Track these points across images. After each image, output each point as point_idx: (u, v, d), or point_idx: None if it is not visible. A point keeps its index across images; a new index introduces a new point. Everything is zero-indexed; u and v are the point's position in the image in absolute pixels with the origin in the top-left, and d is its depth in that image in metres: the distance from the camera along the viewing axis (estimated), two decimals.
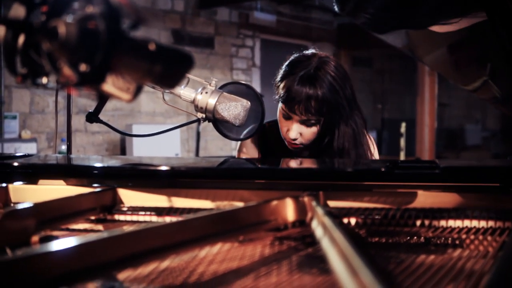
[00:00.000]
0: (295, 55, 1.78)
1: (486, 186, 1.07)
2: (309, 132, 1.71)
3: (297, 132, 1.71)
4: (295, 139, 1.72)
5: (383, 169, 1.16)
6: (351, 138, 1.73)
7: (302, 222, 1.02)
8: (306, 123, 1.70)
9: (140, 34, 0.63)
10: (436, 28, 1.41)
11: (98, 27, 0.60)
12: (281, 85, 1.72)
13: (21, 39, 0.64)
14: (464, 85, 1.94)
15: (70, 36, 0.60)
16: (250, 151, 1.96)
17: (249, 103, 1.52)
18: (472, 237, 0.94)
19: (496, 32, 1.21)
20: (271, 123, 1.92)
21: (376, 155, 1.88)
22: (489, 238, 0.94)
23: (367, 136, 1.84)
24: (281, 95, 1.71)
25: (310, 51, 1.79)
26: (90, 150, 6.24)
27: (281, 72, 1.75)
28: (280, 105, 1.75)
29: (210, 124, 1.57)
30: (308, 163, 1.61)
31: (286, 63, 1.76)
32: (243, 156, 1.97)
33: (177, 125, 1.72)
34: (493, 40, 1.35)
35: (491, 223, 0.99)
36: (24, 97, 5.65)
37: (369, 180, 1.15)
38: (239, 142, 1.97)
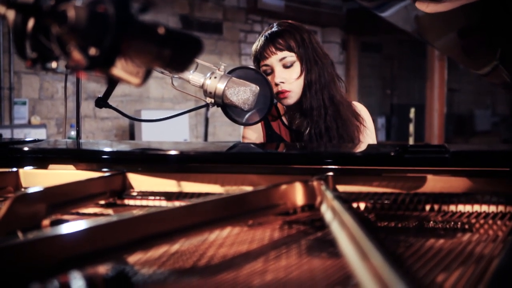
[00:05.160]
0: None
1: (496, 171, 1.07)
2: (290, 74, 1.82)
3: (280, 76, 1.81)
4: (282, 83, 1.81)
5: (392, 154, 1.15)
6: (316, 72, 1.85)
7: (311, 206, 1.02)
8: (284, 63, 1.82)
9: (149, 19, 0.63)
10: (423, 7, 1.39)
11: (107, 10, 0.60)
12: (253, 49, 1.91)
13: (31, 23, 0.64)
14: (475, 69, 1.93)
15: (80, 20, 0.60)
16: (253, 134, 2.00)
17: (258, 88, 1.51)
18: (481, 221, 0.94)
19: (507, 17, 1.20)
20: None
21: (367, 120, 1.96)
22: (498, 222, 0.93)
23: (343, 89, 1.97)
24: (254, 53, 1.89)
25: None
26: (99, 136, 6.26)
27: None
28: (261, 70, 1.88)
29: (219, 109, 1.57)
30: (317, 148, 1.61)
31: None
32: (248, 131, 2.01)
33: (186, 110, 1.72)
34: (504, 25, 1.34)
35: (501, 208, 0.99)
36: (34, 83, 5.66)
37: (378, 164, 1.15)
38: (242, 132, 2.05)
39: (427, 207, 1.01)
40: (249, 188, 1.05)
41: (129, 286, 0.67)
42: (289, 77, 1.82)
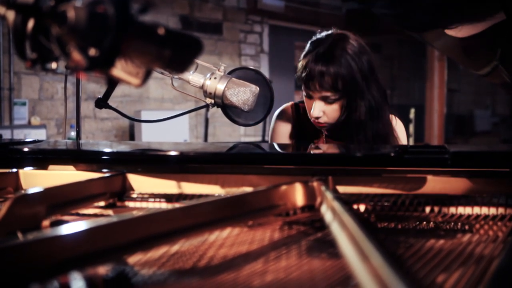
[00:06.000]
0: (316, 35, 1.81)
1: (496, 172, 1.07)
2: (332, 110, 1.74)
3: (320, 110, 1.73)
4: (318, 117, 1.75)
5: (392, 154, 1.15)
6: (367, 111, 1.73)
7: (311, 207, 1.02)
8: (326, 100, 1.72)
9: (149, 20, 0.63)
10: (452, 33, 1.40)
11: (107, 11, 0.60)
12: (299, 64, 1.75)
13: (31, 24, 0.64)
14: (475, 69, 1.93)
15: (79, 20, 0.60)
16: (284, 131, 1.97)
17: (258, 88, 1.51)
18: (481, 222, 0.94)
19: (507, 17, 1.20)
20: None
21: (402, 138, 1.88)
22: (498, 223, 0.93)
23: (390, 113, 1.84)
24: (299, 73, 1.74)
25: (330, 30, 1.82)
26: (99, 136, 6.25)
27: (303, 52, 1.78)
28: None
29: (219, 110, 1.57)
30: (318, 149, 1.60)
31: (309, 42, 1.79)
32: (277, 136, 1.98)
33: (186, 110, 1.72)
34: (504, 25, 1.34)
35: (501, 209, 0.99)
36: (33, 83, 5.66)
37: (378, 165, 1.15)
38: (272, 125, 2.00)
39: (427, 208, 1.01)
40: (249, 189, 1.05)
41: (129, 286, 0.67)
42: (328, 112, 1.73)
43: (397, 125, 1.88)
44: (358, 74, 1.69)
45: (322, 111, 1.74)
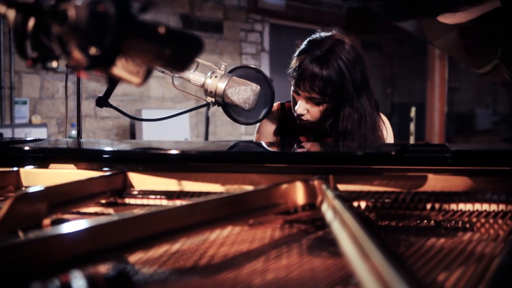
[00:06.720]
0: (315, 34, 1.80)
1: (496, 170, 1.07)
2: (316, 110, 1.74)
3: (304, 108, 1.74)
4: (301, 115, 1.75)
5: (393, 153, 1.15)
6: (355, 121, 1.74)
7: (312, 205, 1.02)
8: (312, 100, 1.72)
9: (149, 19, 0.63)
10: (446, 19, 1.40)
11: (108, 10, 0.60)
12: (294, 61, 1.74)
13: (31, 23, 0.64)
14: (476, 68, 1.93)
15: (80, 19, 0.60)
16: (269, 130, 1.97)
17: (259, 87, 1.51)
18: (482, 220, 0.94)
19: (508, 16, 1.20)
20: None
21: (389, 140, 1.88)
22: (499, 221, 0.93)
23: (380, 119, 1.84)
24: (291, 70, 1.74)
25: (329, 33, 1.80)
26: (100, 135, 6.25)
27: (299, 48, 1.77)
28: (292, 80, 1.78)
29: (220, 109, 1.57)
30: (318, 147, 1.61)
31: (305, 41, 1.78)
32: (261, 136, 1.98)
33: (187, 109, 1.72)
34: (504, 24, 1.34)
35: (501, 207, 0.99)
36: (34, 82, 5.66)
37: (379, 163, 1.15)
38: (257, 124, 1.99)
39: (428, 206, 1.01)
40: (249, 187, 1.05)
41: (130, 285, 0.67)
42: (312, 111, 1.74)
43: (386, 123, 1.88)
44: (350, 82, 1.69)
45: (306, 109, 1.74)
